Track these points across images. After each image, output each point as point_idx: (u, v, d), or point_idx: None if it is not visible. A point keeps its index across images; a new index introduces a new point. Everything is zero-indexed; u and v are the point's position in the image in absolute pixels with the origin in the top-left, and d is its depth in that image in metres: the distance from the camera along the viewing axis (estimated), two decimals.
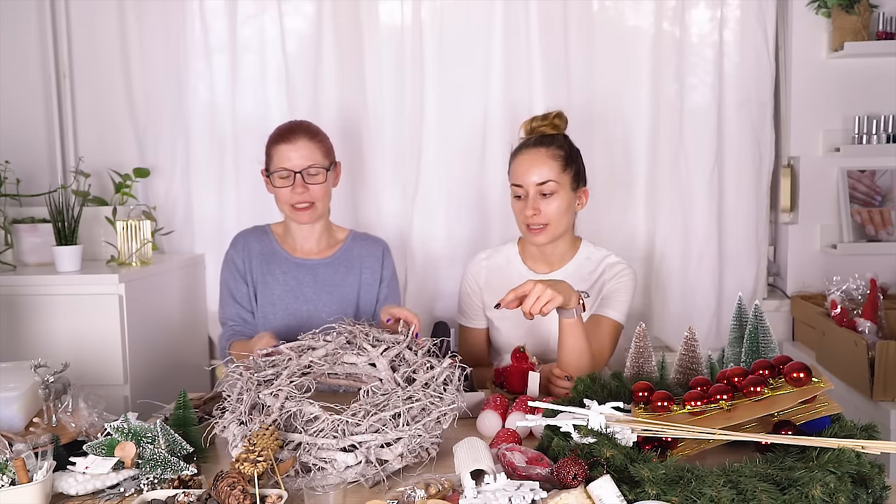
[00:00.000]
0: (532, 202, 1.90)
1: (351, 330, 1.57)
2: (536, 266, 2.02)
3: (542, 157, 1.91)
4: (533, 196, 1.90)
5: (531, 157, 1.92)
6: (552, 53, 2.55)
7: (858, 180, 2.65)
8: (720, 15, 2.55)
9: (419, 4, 2.56)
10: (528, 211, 1.90)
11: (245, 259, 2.01)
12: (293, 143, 1.91)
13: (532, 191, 1.90)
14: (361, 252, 2.04)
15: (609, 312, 1.95)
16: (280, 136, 1.94)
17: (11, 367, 1.57)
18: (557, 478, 1.15)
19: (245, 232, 2.07)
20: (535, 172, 1.90)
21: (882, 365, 2.05)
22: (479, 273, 2.06)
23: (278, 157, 1.92)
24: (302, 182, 1.90)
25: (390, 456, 1.28)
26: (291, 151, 1.91)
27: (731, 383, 1.35)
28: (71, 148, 2.67)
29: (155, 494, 1.20)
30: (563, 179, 1.90)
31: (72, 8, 2.63)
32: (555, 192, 1.89)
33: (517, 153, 1.97)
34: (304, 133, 1.93)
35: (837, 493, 1.07)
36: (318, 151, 1.94)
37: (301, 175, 1.90)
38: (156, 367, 2.33)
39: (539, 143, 1.94)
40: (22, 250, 2.38)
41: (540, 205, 1.89)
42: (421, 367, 1.46)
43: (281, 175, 1.91)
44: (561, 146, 1.93)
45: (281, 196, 1.93)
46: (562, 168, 1.90)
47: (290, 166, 1.90)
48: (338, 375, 1.53)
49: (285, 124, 1.99)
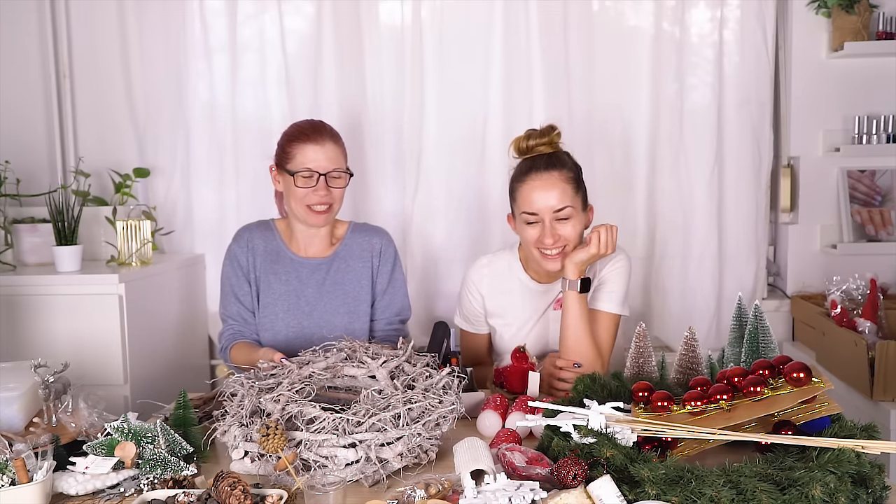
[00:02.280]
0: (550, 230, 1.80)
1: (351, 346, 1.59)
2: (538, 276, 1.97)
3: (555, 181, 1.80)
4: (550, 223, 1.80)
5: (544, 182, 1.80)
6: (552, 53, 2.55)
7: (858, 180, 2.65)
8: (720, 15, 2.55)
9: (419, 4, 2.56)
10: (548, 240, 1.80)
11: (249, 256, 1.96)
12: (321, 144, 1.86)
13: (548, 217, 1.80)
14: (362, 246, 2.00)
15: (603, 305, 1.90)
16: (306, 135, 1.88)
17: (11, 367, 1.57)
18: (557, 478, 1.15)
19: (249, 227, 2.02)
20: (552, 199, 1.79)
21: (882, 365, 2.05)
22: (480, 281, 2.01)
23: (303, 156, 1.86)
24: (325, 185, 1.86)
25: (390, 454, 1.28)
26: (319, 153, 1.86)
27: (731, 383, 1.35)
28: (71, 148, 2.67)
29: (155, 494, 1.20)
30: (575, 202, 1.82)
31: (72, 8, 2.63)
32: (571, 216, 1.81)
33: (525, 178, 1.84)
34: (330, 135, 1.89)
35: (837, 493, 1.07)
36: (341, 155, 1.90)
37: (325, 177, 1.86)
38: (156, 367, 2.33)
39: (549, 167, 1.82)
40: (22, 250, 2.38)
41: (558, 231, 1.81)
42: (420, 375, 1.47)
43: (304, 175, 1.85)
44: (571, 168, 1.85)
45: (298, 195, 1.87)
46: (574, 190, 1.82)
47: (316, 167, 1.85)
48: (338, 389, 1.54)
49: (307, 123, 1.93)
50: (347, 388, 1.53)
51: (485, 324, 2.05)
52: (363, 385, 1.50)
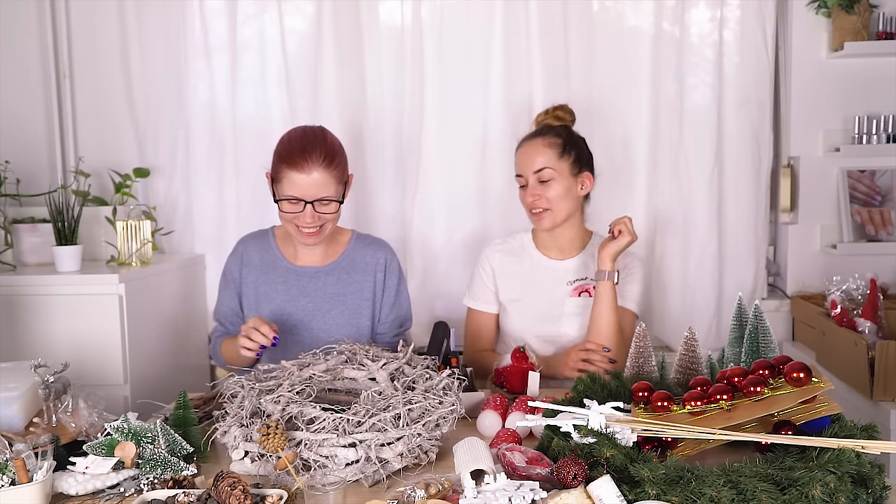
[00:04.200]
0: (531, 189, 2.00)
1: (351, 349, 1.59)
2: (550, 252, 2.10)
3: (538, 146, 2.01)
4: (532, 184, 2.00)
5: (528, 147, 2.03)
6: (552, 53, 2.55)
7: (858, 180, 2.65)
8: (720, 15, 2.55)
9: (419, 4, 2.56)
10: (529, 198, 2.01)
11: (242, 269, 1.96)
12: (307, 172, 1.73)
13: (531, 179, 2.00)
14: (365, 258, 1.97)
15: (625, 303, 2.02)
16: (293, 160, 1.74)
17: (11, 367, 1.57)
18: (557, 478, 1.15)
19: (246, 239, 2.02)
20: (533, 161, 2.00)
21: (882, 365, 2.05)
22: (493, 256, 2.13)
23: (288, 181, 1.75)
24: (312, 212, 1.77)
25: (390, 454, 1.28)
26: (304, 181, 1.74)
27: (731, 383, 1.35)
28: (71, 148, 2.67)
29: (155, 494, 1.20)
30: (560, 166, 1.99)
31: (72, 8, 2.63)
32: (552, 178, 1.98)
33: (518, 146, 2.07)
34: (319, 159, 1.74)
35: (837, 493, 1.07)
36: (332, 181, 1.77)
37: (312, 205, 1.76)
38: (156, 367, 2.33)
39: (536, 135, 2.04)
40: (22, 250, 2.38)
41: (539, 191, 1.99)
42: (420, 377, 1.47)
43: (290, 201, 1.77)
44: (559, 134, 2.02)
45: (285, 217, 1.81)
46: (558, 155, 1.99)
47: (301, 195, 1.75)
48: (338, 391, 1.54)
49: (298, 141, 1.78)
50: (348, 390, 1.53)
51: (493, 301, 2.12)
52: (363, 387, 1.50)
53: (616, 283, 1.93)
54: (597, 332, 1.93)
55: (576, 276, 2.06)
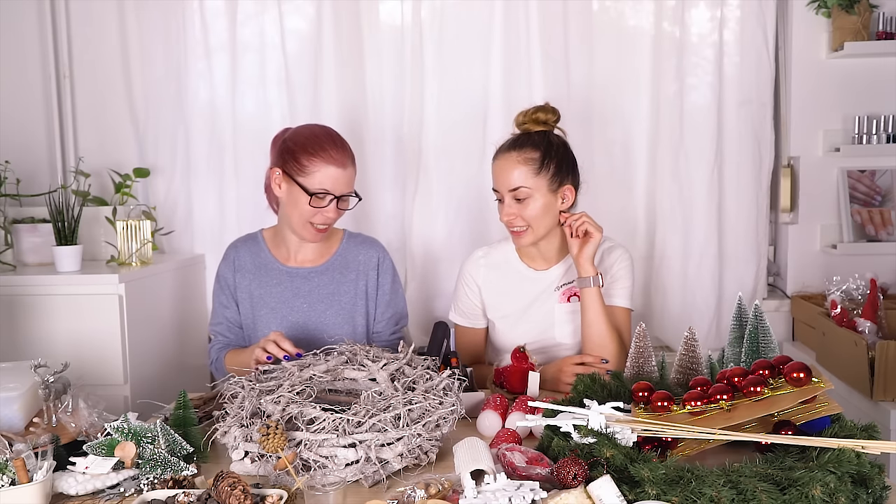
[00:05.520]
0: (507, 208, 1.87)
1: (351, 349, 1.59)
2: (534, 263, 2.00)
3: (512, 162, 1.85)
4: (508, 201, 1.87)
5: (503, 162, 1.87)
6: (552, 53, 2.55)
7: (858, 180, 2.65)
8: (720, 15, 2.55)
9: (419, 4, 2.56)
10: (505, 217, 1.88)
11: (233, 273, 1.96)
12: (344, 167, 1.80)
13: (507, 197, 1.87)
14: (357, 258, 1.97)
15: (617, 301, 1.96)
16: (330, 155, 1.79)
17: (11, 367, 1.57)
18: (557, 478, 1.15)
19: (236, 244, 2.01)
20: (508, 178, 1.85)
21: (882, 365, 2.05)
22: (477, 273, 2.02)
23: (323, 175, 1.78)
24: (335, 207, 1.82)
25: (390, 455, 1.28)
26: (341, 176, 1.80)
27: (731, 383, 1.35)
28: (71, 148, 2.67)
29: (155, 494, 1.20)
30: (537, 183, 1.84)
31: (72, 8, 2.63)
32: (529, 196, 1.85)
33: (494, 157, 1.92)
34: (350, 157, 1.83)
35: (837, 494, 1.07)
36: (354, 177, 1.85)
37: (338, 200, 1.82)
38: (156, 367, 2.33)
39: (512, 147, 1.88)
40: (22, 250, 2.38)
41: (515, 209, 1.86)
42: (420, 378, 1.47)
43: (320, 195, 1.79)
44: (536, 146, 1.86)
45: (305, 213, 1.81)
46: (535, 171, 1.84)
47: (334, 190, 1.80)
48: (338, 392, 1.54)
49: (326, 136, 1.83)
50: (348, 390, 1.53)
51: (481, 317, 2.05)
52: (364, 388, 1.50)
53: (602, 286, 1.85)
54: (589, 342, 1.85)
55: (562, 281, 1.97)
